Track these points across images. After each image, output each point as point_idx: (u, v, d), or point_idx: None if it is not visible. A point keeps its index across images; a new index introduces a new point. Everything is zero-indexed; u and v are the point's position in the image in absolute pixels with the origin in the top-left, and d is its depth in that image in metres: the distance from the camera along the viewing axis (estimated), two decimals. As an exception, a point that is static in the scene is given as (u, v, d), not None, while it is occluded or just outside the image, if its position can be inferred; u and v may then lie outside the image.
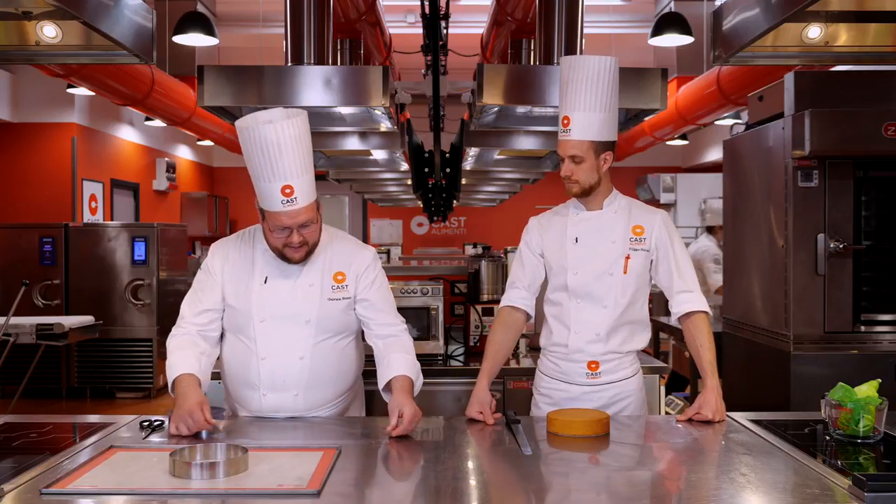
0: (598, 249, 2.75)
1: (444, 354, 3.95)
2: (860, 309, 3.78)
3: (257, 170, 2.48)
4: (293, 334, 2.62)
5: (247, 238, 2.74)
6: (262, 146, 2.43)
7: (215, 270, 2.70)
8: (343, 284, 2.68)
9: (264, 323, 2.62)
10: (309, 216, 2.54)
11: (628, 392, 2.78)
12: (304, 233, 2.55)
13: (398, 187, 7.75)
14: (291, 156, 2.45)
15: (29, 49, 3.13)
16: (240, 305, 2.65)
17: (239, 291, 2.66)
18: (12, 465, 2.09)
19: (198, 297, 2.70)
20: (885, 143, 3.54)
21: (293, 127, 2.45)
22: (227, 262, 2.70)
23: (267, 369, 2.62)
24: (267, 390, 2.63)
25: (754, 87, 5.11)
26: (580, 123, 2.67)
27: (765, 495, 1.88)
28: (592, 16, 8.64)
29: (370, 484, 2.05)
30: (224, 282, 2.68)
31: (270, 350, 2.62)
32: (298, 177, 2.48)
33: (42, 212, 9.26)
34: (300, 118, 2.49)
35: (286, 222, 2.51)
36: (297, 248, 2.57)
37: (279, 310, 2.62)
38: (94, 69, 6.43)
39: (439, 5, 4.74)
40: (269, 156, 2.43)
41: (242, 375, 2.67)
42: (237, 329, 2.67)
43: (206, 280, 2.71)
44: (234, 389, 2.72)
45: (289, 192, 2.47)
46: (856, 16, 3.17)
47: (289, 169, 2.45)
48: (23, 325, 6.19)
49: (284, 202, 2.47)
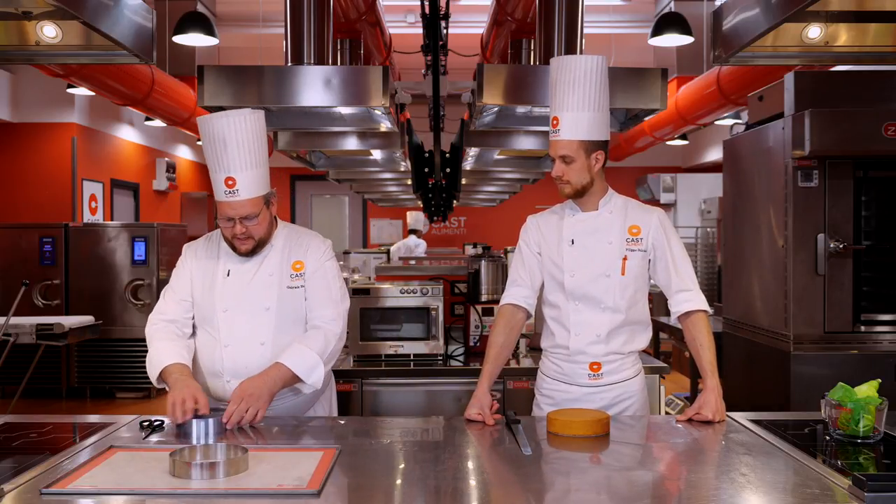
0: (594, 251, 2.74)
1: (444, 354, 3.95)
2: (860, 309, 3.78)
3: (208, 160, 2.66)
4: (254, 322, 2.73)
5: (214, 238, 2.88)
6: (211, 138, 2.61)
7: (186, 265, 2.86)
8: (301, 273, 2.79)
9: (227, 312, 2.73)
10: (252, 210, 2.66)
11: (631, 392, 2.78)
12: (247, 225, 2.67)
13: (398, 187, 7.75)
14: (235, 150, 2.60)
15: (29, 49, 3.14)
16: (204, 299, 2.77)
17: (205, 286, 2.78)
18: (12, 465, 2.09)
19: (172, 289, 2.85)
20: (885, 143, 3.55)
21: (241, 123, 2.60)
22: (196, 259, 2.85)
23: (230, 356, 2.72)
24: (230, 377, 2.72)
25: (754, 87, 5.12)
26: (569, 123, 2.66)
27: (765, 495, 1.88)
28: (592, 16, 8.65)
29: (370, 484, 2.05)
30: (193, 277, 2.82)
31: (233, 338, 2.73)
32: (242, 170, 2.61)
33: (42, 212, 9.26)
34: (251, 115, 2.63)
35: (229, 213, 2.65)
36: (242, 240, 2.70)
37: (241, 299, 2.74)
38: (94, 69, 6.43)
39: (439, 5, 4.74)
40: (216, 148, 2.61)
41: (209, 364, 2.77)
42: (203, 321, 2.79)
43: (180, 273, 2.86)
44: (201, 379, 2.80)
45: (231, 183, 2.61)
46: (856, 16, 3.17)
47: (231, 162, 2.61)
48: (23, 325, 6.19)
49: (227, 193, 2.63)
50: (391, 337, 3.89)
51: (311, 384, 2.68)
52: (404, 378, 3.75)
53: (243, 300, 2.74)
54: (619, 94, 3.14)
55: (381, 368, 3.77)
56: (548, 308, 2.84)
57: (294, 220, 14.46)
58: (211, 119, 2.60)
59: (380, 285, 3.96)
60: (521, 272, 2.85)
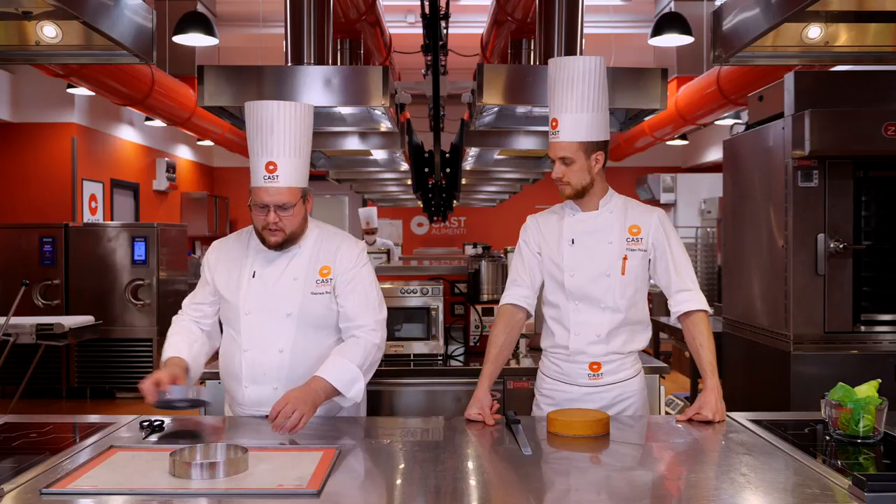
0: (594, 251, 2.74)
1: (444, 354, 3.95)
2: (860, 309, 3.78)
3: (251, 144, 2.62)
4: (274, 327, 2.69)
5: (244, 235, 2.84)
6: (257, 122, 2.59)
7: (209, 266, 2.83)
8: (328, 279, 2.72)
9: (249, 316, 2.70)
10: (288, 199, 2.61)
11: (630, 392, 2.78)
12: (281, 215, 2.62)
13: (398, 187, 7.76)
14: (281, 135, 2.58)
15: (29, 49, 3.14)
16: (231, 299, 2.74)
17: (230, 285, 2.75)
18: (12, 465, 2.09)
19: (194, 291, 2.87)
20: (885, 143, 3.55)
21: (290, 109, 2.59)
22: (221, 259, 2.81)
23: (248, 361, 2.69)
24: (248, 382, 2.70)
25: (754, 87, 5.11)
26: (569, 125, 2.66)
27: (765, 495, 1.88)
28: (592, 16, 8.64)
29: (370, 484, 2.05)
30: (216, 277, 2.79)
31: (252, 342, 2.69)
32: (284, 157, 2.59)
33: (42, 212, 9.26)
34: (302, 107, 2.63)
35: (265, 199, 2.60)
36: (273, 231, 2.64)
37: (263, 303, 2.70)
38: (94, 69, 6.43)
39: (439, 5, 4.73)
40: (262, 132, 2.59)
41: (229, 367, 2.76)
42: (228, 322, 2.78)
43: (203, 275, 2.86)
44: (224, 381, 2.81)
45: (272, 168, 2.58)
46: (856, 16, 3.17)
47: (276, 146, 2.58)
48: (23, 325, 6.20)
49: (266, 178, 2.58)
50: (391, 337, 3.88)
51: (351, 398, 2.63)
52: (404, 378, 3.74)
53: (265, 304, 2.68)
54: (619, 94, 3.14)
55: (381, 368, 3.76)
56: (548, 308, 2.84)
57: (294, 220, 14.45)
58: (261, 104, 2.59)
59: (380, 285, 3.95)
60: (521, 272, 2.84)
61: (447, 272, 4.41)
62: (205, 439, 2.41)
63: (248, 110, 2.62)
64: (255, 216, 2.66)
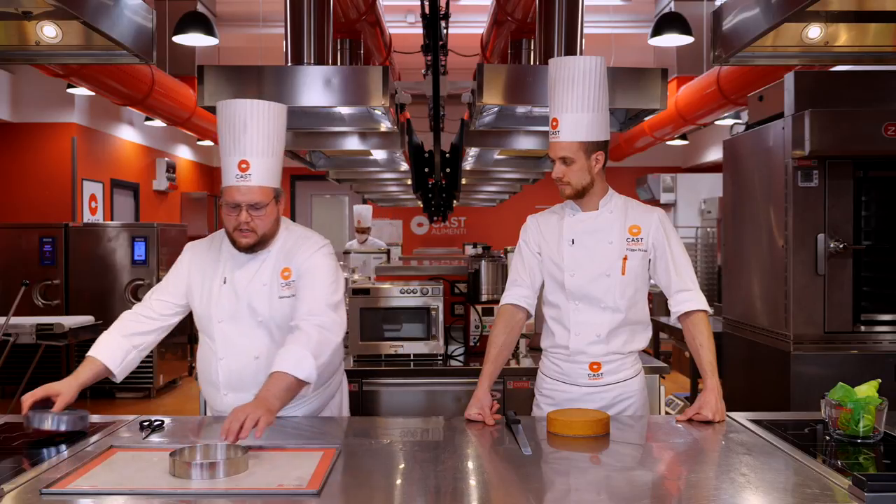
0: (594, 251, 2.74)
1: (444, 354, 3.95)
2: (860, 309, 3.78)
3: (223, 143, 2.59)
4: (248, 334, 2.66)
5: (216, 239, 2.79)
6: (230, 121, 2.57)
7: (183, 264, 2.79)
8: (290, 281, 2.67)
9: (222, 324, 2.67)
10: (261, 198, 2.58)
11: (630, 392, 2.78)
12: (253, 214, 2.58)
13: (398, 187, 7.76)
14: (254, 134, 2.55)
15: (29, 49, 3.14)
16: (202, 308, 2.71)
17: (203, 294, 2.71)
18: (12, 465, 2.09)
19: (162, 284, 2.79)
20: (885, 143, 3.55)
21: (264, 109, 2.57)
22: (195, 263, 2.76)
23: (224, 369, 2.67)
24: (227, 390, 2.68)
25: (754, 87, 5.11)
26: (569, 125, 2.66)
27: (765, 495, 1.88)
28: (592, 16, 8.64)
29: (370, 484, 2.05)
30: (191, 282, 2.74)
31: (228, 350, 2.67)
32: (257, 156, 2.56)
33: (42, 212, 9.26)
34: (275, 106, 2.61)
35: (237, 198, 2.56)
36: (244, 232, 2.59)
37: (235, 310, 2.67)
38: (94, 69, 6.43)
39: (439, 5, 4.73)
40: (234, 130, 2.56)
41: (206, 376, 2.74)
42: (203, 329, 2.74)
43: (174, 271, 2.80)
44: (203, 387, 2.79)
45: (244, 167, 2.55)
46: (856, 16, 3.17)
47: (248, 145, 2.55)
48: (23, 325, 6.20)
49: (238, 176, 2.56)
50: (391, 337, 3.89)
51: (305, 378, 2.44)
52: (404, 378, 3.75)
53: (237, 312, 2.66)
54: (619, 94, 3.14)
55: (381, 368, 3.77)
56: (548, 308, 2.84)
57: (294, 220, 14.43)
58: (234, 102, 2.57)
59: (380, 285, 3.96)
60: (521, 272, 2.84)
61: (447, 272, 4.41)
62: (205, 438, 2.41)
63: (221, 109, 2.59)
64: (226, 217, 2.62)
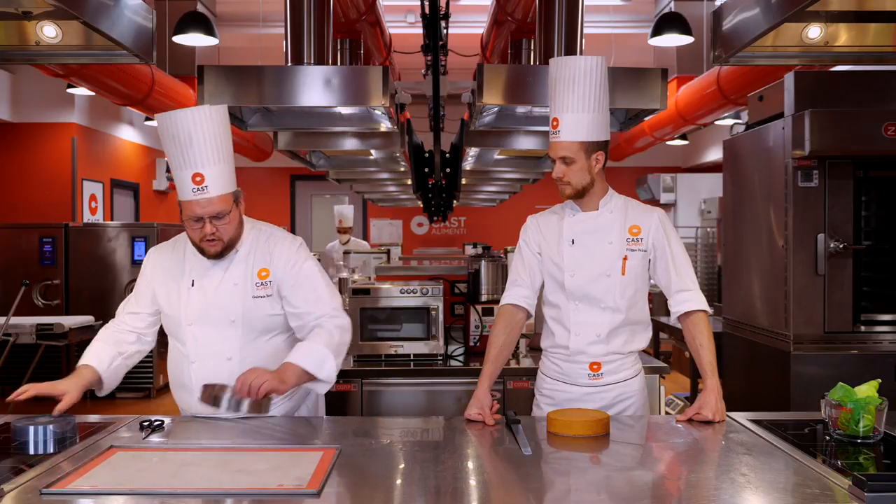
0: (594, 251, 2.74)
1: (444, 354, 3.95)
2: (860, 309, 3.78)
3: (171, 158, 2.52)
4: (220, 335, 2.64)
5: (180, 243, 2.76)
6: (174, 134, 2.48)
7: (146, 275, 2.76)
8: (267, 281, 2.66)
9: (192, 326, 2.65)
10: (222, 207, 2.54)
11: (630, 392, 2.78)
12: (217, 224, 2.55)
13: (398, 187, 7.76)
14: (202, 144, 2.48)
15: (29, 49, 3.14)
16: (171, 310, 2.69)
17: (171, 296, 2.69)
18: (12, 465, 2.09)
19: (129, 299, 2.78)
20: (885, 143, 3.55)
21: (205, 116, 2.49)
22: (158, 268, 2.74)
23: (196, 372, 2.65)
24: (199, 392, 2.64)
25: (754, 87, 5.11)
26: (569, 124, 2.65)
27: (765, 495, 1.88)
28: (592, 16, 8.64)
29: (370, 484, 2.05)
30: (156, 288, 2.72)
31: (199, 352, 2.65)
32: (209, 166, 2.50)
33: (42, 212, 9.26)
34: (216, 110, 2.53)
35: (198, 211, 2.52)
36: (211, 242, 2.56)
37: (205, 312, 2.64)
38: (94, 69, 6.43)
39: (439, 5, 4.73)
40: (181, 143, 2.48)
41: (178, 378, 2.72)
42: (172, 333, 2.73)
43: (139, 281, 2.78)
44: (175, 391, 2.76)
45: (199, 180, 2.49)
46: (856, 16, 3.17)
47: (199, 157, 2.49)
48: (23, 325, 6.20)
49: (195, 190, 2.50)
50: (391, 337, 3.89)
51: (324, 378, 2.58)
52: (404, 378, 3.75)
53: (208, 313, 2.63)
54: (619, 94, 3.14)
55: (381, 368, 3.77)
56: (548, 308, 2.84)
57: (294, 220, 14.46)
58: (173, 114, 2.48)
59: (380, 285, 3.96)
60: (521, 272, 2.84)
61: (447, 272, 4.41)
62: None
63: (162, 122, 2.50)
64: (189, 230, 2.58)
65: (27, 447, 2.26)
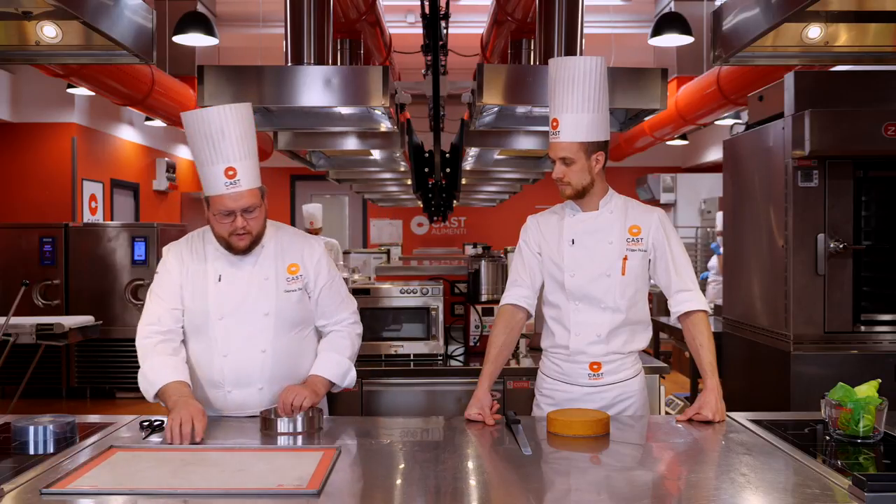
0: (594, 251, 2.74)
1: (444, 354, 3.95)
2: (860, 309, 3.78)
3: (201, 154, 2.55)
4: (253, 328, 2.66)
5: (197, 239, 2.77)
6: (206, 131, 2.52)
7: (173, 269, 2.72)
8: (297, 275, 2.73)
9: (223, 320, 2.65)
10: (252, 201, 2.59)
11: (630, 392, 2.78)
12: (247, 218, 2.59)
13: (398, 187, 7.76)
14: (234, 138, 2.53)
15: (29, 49, 3.14)
16: (196, 306, 2.67)
17: (195, 292, 2.68)
18: (12, 465, 2.09)
19: (160, 296, 2.69)
20: (885, 143, 3.55)
21: (235, 113, 2.55)
22: (183, 263, 2.73)
23: (230, 366, 2.66)
24: (231, 387, 2.67)
25: (754, 87, 5.11)
26: (569, 125, 2.65)
27: (765, 495, 1.88)
28: (592, 16, 8.64)
29: (370, 484, 2.05)
30: (182, 281, 2.71)
31: (231, 346, 2.65)
32: (241, 160, 2.55)
33: (42, 212, 9.26)
34: (243, 107, 2.59)
35: (230, 205, 2.55)
36: (241, 236, 2.61)
37: (237, 305, 2.66)
38: (94, 69, 6.43)
39: (439, 5, 4.73)
40: (213, 139, 2.52)
41: (206, 375, 2.69)
42: (196, 330, 2.69)
43: (166, 280, 2.71)
44: (197, 390, 2.68)
45: (232, 174, 2.54)
46: (856, 16, 3.17)
47: (231, 151, 2.53)
48: (23, 325, 6.19)
49: (228, 184, 2.54)
50: (391, 337, 3.89)
51: (345, 387, 2.79)
52: (404, 378, 3.75)
53: (241, 307, 2.65)
54: (619, 94, 3.14)
55: (381, 368, 3.77)
56: (548, 308, 2.84)
57: (294, 221, 14.46)
58: (205, 112, 2.53)
59: (380, 285, 3.96)
60: (521, 272, 2.84)
61: (447, 272, 4.41)
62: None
63: (193, 119, 2.53)
64: (218, 225, 2.60)
65: (27, 447, 2.26)
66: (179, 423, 2.32)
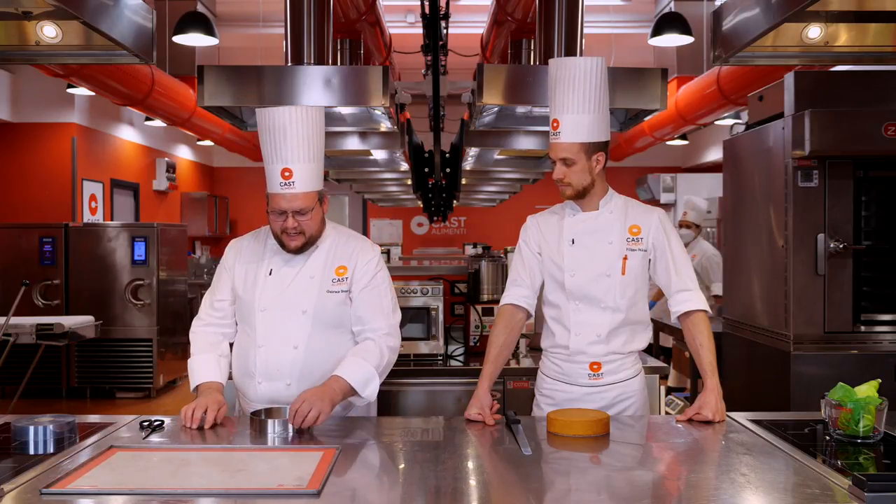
0: (594, 251, 2.74)
1: (444, 354, 3.95)
2: (860, 309, 3.78)
3: (265, 151, 2.63)
4: (290, 324, 2.71)
5: (261, 235, 2.87)
6: (270, 128, 2.60)
7: (228, 264, 2.85)
8: (344, 278, 2.75)
9: (265, 312, 2.72)
10: (306, 204, 2.63)
11: (630, 392, 2.78)
12: (300, 220, 2.64)
13: (398, 187, 7.76)
14: (294, 140, 2.58)
15: (29, 49, 3.14)
16: (246, 296, 2.76)
17: (247, 283, 2.77)
18: (12, 465, 2.09)
19: (213, 290, 2.87)
20: (885, 143, 3.55)
21: (303, 114, 2.60)
22: (240, 257, 2.83)
23: (262, 357, 2.71)
24: (262, 378, 2.72)
25: (754, 87, 5.11)
26: (570, 126, 2.66)
27: (765, 495, 1.88)
28: (592, 16, 8.64)
29: (370, 484, 2.05)
30: (235, 272, 2.81)
31: (267, 338, 2.71)
32: (299, 162, 2.60)
33: (42, 212, 9.26)
34: (313, 110, 2.63)
35: (283, 205, 2.62)
36: (292, 236, 2.67)
37: (278, 299, 2.72)
38: (94, 69, 6.43)
39: (439, 5, 4.73)
40: (274, 138, 2.59)
41: (243, 364, 2.77)
42: (243, 319, 2.79)
43: (221, 274, 2.87)
44: (237, 378, 2.82)
45: (287, 175, 2.59)
46: (856, 16, 3.17)
47: (290, 153, 2.59)
48: (23, 325, 6.19)
49: (282, 184, 2.60)
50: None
51: (366, 397, 2.67)
52: (404, 378, 3.74)
53: (281, 301, 2.71)
54: (619, 94, 3.14)
55: (381, 368, 3.76)
56: (548, 308, 2.84)
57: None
58: (272, 110, 2.59)
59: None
60: (521, 272, 2.84)
61: (447, 272, 4.41)
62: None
63: (260, 117, 2.62)
64: (273, 221, 2.68)
65: (27, 447, 2.27)
66: (193, 409, 2.46)
